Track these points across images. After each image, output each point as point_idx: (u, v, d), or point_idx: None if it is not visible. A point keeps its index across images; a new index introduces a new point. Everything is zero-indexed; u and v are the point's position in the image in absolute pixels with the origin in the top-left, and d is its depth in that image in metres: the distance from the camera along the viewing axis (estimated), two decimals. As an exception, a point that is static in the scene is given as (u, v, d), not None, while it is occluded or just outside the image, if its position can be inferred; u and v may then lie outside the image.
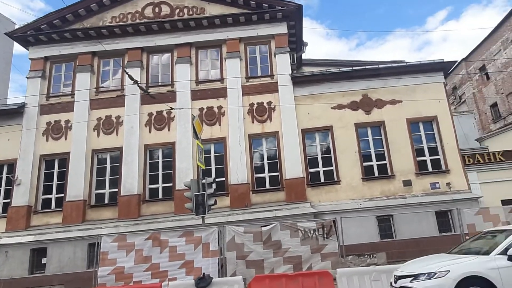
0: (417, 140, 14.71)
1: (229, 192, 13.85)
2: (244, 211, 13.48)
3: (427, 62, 15.27)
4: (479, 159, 14.48)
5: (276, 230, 10.07)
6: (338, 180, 14.15)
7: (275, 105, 14.79)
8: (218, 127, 14.66)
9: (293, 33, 16.38)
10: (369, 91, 15.01)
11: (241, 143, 14.26)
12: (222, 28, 15.35)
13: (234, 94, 14.77)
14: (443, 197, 13.74)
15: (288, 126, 14.45)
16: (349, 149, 14.40)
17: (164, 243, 9.77)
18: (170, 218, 13.43)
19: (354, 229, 13.50)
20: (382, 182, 14.13)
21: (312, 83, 15.13)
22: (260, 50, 15.62)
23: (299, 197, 13.68)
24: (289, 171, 13.98)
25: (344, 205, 13.81)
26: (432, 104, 14.72)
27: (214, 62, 15.50)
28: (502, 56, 25.27)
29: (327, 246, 9.99)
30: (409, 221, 13.46)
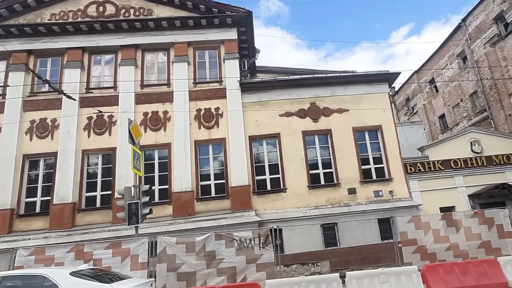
0: (362, 149, 14.96)
1: (172, 200, 13.31)
2: (186, 220, 13.00)
3: (373, 72, 15.65)
4: (420, 167, 14.94)
5: (211, 240, 9.69)
6: (284, 188, 14.04)
7: (223, 111, 14.51)
8: (163, 133, 14.14)
9: (245, 39, 16.26)
10: (317, 99, 15.13)
11: (186, 150, 13.83)
12: (170, 31, 14.93)
13: (180, 99, 14.35)
14: (385, 204, 14.00)
15: (235, 132, 14.20)
16: (296, 157, 14.37)
17: (88, 256, 9.10)
18: (107, 228, 12.67)
19: (299, 238, 13.49)
20: (328, 190, 14.19)
21: (260, 90, 15.03)
22: (209, 55, 15.34)
23: (244, 205, 13.41)
24: (235, 179, 13.70)
25: (290, 214, 13.71)
26: (377, 113, 15.06)
27: (161, 66, 15.01)
28: (449, 70, 26.64)
29: (263, 256, 9.72)
30: (353, 229, 13.58)
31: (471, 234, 10.04)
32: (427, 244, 9.96)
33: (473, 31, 23.51)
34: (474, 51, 23.56)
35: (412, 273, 8.30)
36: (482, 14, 22.47)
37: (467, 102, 25.23)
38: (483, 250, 9.89)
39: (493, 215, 10.26)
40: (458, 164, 15.06)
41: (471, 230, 10.07)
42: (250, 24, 15.54)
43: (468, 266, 8.48)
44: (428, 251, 9.86)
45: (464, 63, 25.17)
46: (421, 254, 9.83)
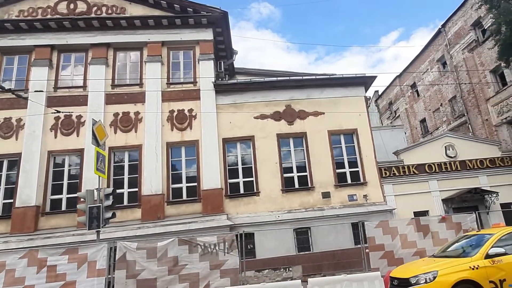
0: (337, 152, 14.85)
1: (141, 203, 12.94)
2: (155, 224, 12.64)
3: (350, 76, 15.58)
4: (395, 172, 14.89)
5: (174, 246, 9.37)
6: (257, 191, 13.81)
7: (197, 113, 14.24)
8: (134, 134, 13.78)
9: (222, 40, 16.03)
10: (292, 102, 14.98)
11: (158, 152, 13.49)
12: (143, 30, 14.61)
13: (153, 100, 14.02)
14: (359, 209, 13.88)
15: (208, 135, 13.94)
16: (270, 160, 14.16)
17: (42, 262, 8.67)
18: (72, 233, 12.23)
19: (271, 242, 13.25)
20: (302, 194, 14.01)
21: (235, 91, 14.80)
22: (184, 56, 15.06)
23: (216, 209, 13.13)
24: (207, 182, 13.42)
25: (262, 218, 13.48)
26: (353, 117, 14.98)
27: (134, 65, 14.67)
28: (429, 75, 26.88)
29: (227, 261, 9.44)
30: (326, 234, 13.41)
31: (439, 239, 9.96)
32: (394, 249, 9.85)
33: (452, 37, 23.76)
34: (453, 56, 23.81)
35: (375, 280, 8.13)
36: (460, 20, 22.73)
37: (446, 106, 25.46)
38: (451, 255, 9.78)
39: (461, 220, 10.22)
40: (433, 168, 15.07)
41: (438, 235, 10.00)
42: (226, 24, 15.32)
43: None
44: (396, 256, 9.75)
45: (444, 68, 25.42)
46: (388, 260, 9.71)
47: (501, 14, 14.41)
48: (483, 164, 15.33)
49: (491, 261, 6.59)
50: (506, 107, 19.90)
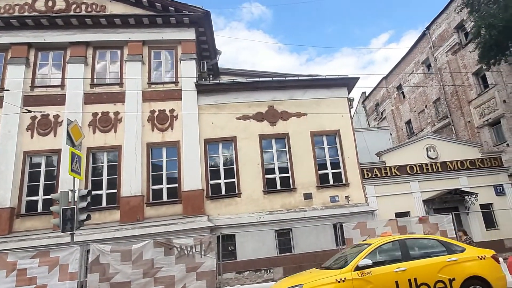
0: (320, 153, 14.84)
1: (120, 205, 12.72)
2: (134, 226, 12.44)
3: (332, 77, 15.61)
4: (376, 173, 14.95)
5: (149, 248, 9.22)
6: (239, 192, 13.71)
7: (178, 113, 14.08)
8: (113, 134, 13.55)
9: (205, 40, 15.90)
10: (275, 102, 14.93)
11: (137, 152, 13.29)
12: (124, 29, 14.40)
13: (133, 100, 13.81)
14: (341, 210, 13.88)
15: (190, 135, 13.79)
16: (252, 161, 14.08)
17: (11, 266, 8.42)
18: (47, 235, 11.95)
19: (252, 244, 13.17)
20: (284, 195, 13.96)
21: (217, 92, 14.69)
22: (166, 55, 14.88)
23: (196, 211, 12.99)
24: (188, 183, 13.27)
25: (244, 219, 13.38)
26: (335, 118, 14.99)
27: (114, 64, 14.43)
28: (414, 77, 27.15)
29: (204, 264, 9.34)
30: (308, 235, 13.38)
31: (416, 240, 9.96)
32: (372, 251, 9.81)
33: (437, 39, 24.04)
34: (437, 59, 24.09)
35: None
36: (444, 23, 23.01)
37: (431, 108, 25.75)
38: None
39: (438, 221, 10.30)
40: (414, 170, 15.18)
41: (416, 236, 10.00)
42: (209, 24, 15.19)
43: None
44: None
45: (429, 70, 25.71)
46: (365, 261, 9.66)
47: (480, 18, 14.60)
48: (464, 166, 15.50)
49: (360, 273, 6.24)
50: (487, 109, 20.20)
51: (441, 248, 6.83)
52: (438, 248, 6.85)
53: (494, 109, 19.66)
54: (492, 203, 15.16)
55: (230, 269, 12.75)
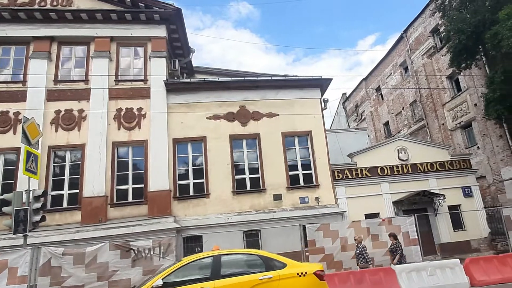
0: (291, 154, 14.74)
1: (82, 205, 12.31)
2: (96, 228, 12.06)
3: (305, 77, 15.54)
4: (347, 174, 14.94)
5: (104, 251, 8.89)
6: (207, 193, 13.48)
7: (146, 112, 13.74)
8: (77, 133, 13.13)
9: (177, 38, 15.61)
10: (247, 102, 14.75)
11: (102, 151, 12.90)
12: (91, 24, 13.97)
13: (98, 97, 13.41)
14: (311, 211, 13.81)
15: (158, 135, 13.48)
16: (222, 161, 13.87)
17: (-46, 270, 7.99)
18: (3, 236, 11.44)
19: (220, 245, 12.90)
20: (253, 196, 13.80)
21: (188, 91, 14.42)
22: (135, 52, 14.52)
23: (162, 211, 12.69)
24: (154, 183, 12.96)
25: (212, 220, 13.16)
26: (307, 119, 14.92)
27: (80, 60, 13.99)
28: (392, 79, 27.45)
29: (162, 266, 9.03)
30: (277, 236, 13.22)
31: (378, 241, 9.99)
32: (334, 252, 9.80)
33: (413, 42, 24.34)
34: (414, 62, 24.40)
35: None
36: (421, 27, 23.31)
37: (407, 110, 26.07)
38: (389, 257, 9.84)
39: (400, 223, 10.30)
40: (385, 171, 15.24)
41: (378, 237, 10.02)
42: (181, 22, 14.90)
43: (364, 275, 8.34)
44: (335, 259, 9.70)
45: (406, 72, 26.02)
46: (327, 263, 9.63)
47: (450, 22, 14.77)
48: (433, 168, 15.65)
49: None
50: (460, 112, 20.54)
51: (260, 264, 6.16)
52: (257, 264, 6.19)
53: (466, 112, 20.01)
54: (460, 205, 15.37)
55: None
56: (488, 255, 10.20)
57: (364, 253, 9.38)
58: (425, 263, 8.95)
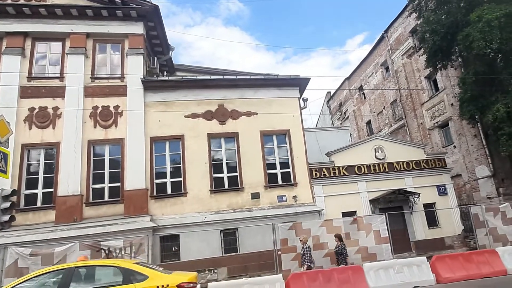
0: (269, 153, 14.82)
1: (56, 204, 12.15)
2: (70, 227, 11.91)
3: (284, 77, 15.62)
4: (325, 173, 15.11)
5: (74, 251, 8.87)
6: (185, 192, 13.46)
7: (123, 110, 13.60)
8: (52, 131, 12.92)
9: (156, 35, 15.47)
10: (225, 101, 14.75)
11: (77, 150, 12.74)
12: (66, 20, 13.74)
13: (74, 95, 13.21)
14: (288, 210, 13.93)
15: (134, 133, 13.38)
16: (200, 160, 13.86)
17: None
18: (-26, 237, 11.20)
19: (197, 244, 12.98)
20: (231, 195, 13.84)
21: (166, 89, 14.33)
22: (112, 49, 14.34)
23: (139, 210, 12.62)
24: (131, 182, 12.87)
25: (189, 219, 13.15)
26: (286, 118, 15.00)
27: (55, 57, 13.74)
28: (374, 78, 27.78)
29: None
30: (254, 235, 13.31)
31: (350, 240, 10.16)
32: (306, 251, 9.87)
33: (394, 42, 24.67)
34: (394, 62, 24.74)
35: (276, 282, 8.11)
36: (401, 27, 23.63)
37: (388, 109, 26.45)
38: (360, 255, 10.03)
39: (371, 221, 10.49)
40: (362, 170, 15.46)
41: (350, 236, 10.19)
42: (159, 19, 14.78)
43: (333, 273, 8.49)
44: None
45: (387, 72, 26.37)
46: (299, 261, 9.75)
47: (426, 23, 15.04)
48: (409, 166, 15.95)
49: None
50: (437, 111, 20.96)
51: (118, 277, 5.79)
52: (114, 277, 5.84)
53: (443, 112, 20.43)
54: (435, 203, 15.70)
55: (173, 270, 12.49)
56: (455, 253, 10.46)
57: (306, 254, 9.59)
58: (393, 261, 9.16)
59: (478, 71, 13.75)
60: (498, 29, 12.27)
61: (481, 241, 11.00)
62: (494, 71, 13.58)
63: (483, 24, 12.30)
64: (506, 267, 9.21)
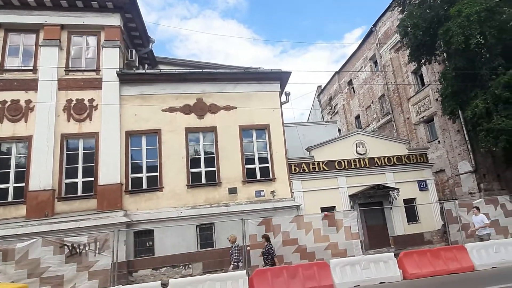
0: (248, 148, 14.67)
1: (27, 199, 11.97)
2: (41, 222, 11.76)
3: (264, 71, 15.42)
4: (304, 168, 14.99)
5: (36, 247, 8.70)
6: (161, 186, 13.32)
7: (98, 103, 13.37)
8: (24, 124, 12.70)
9: (135, 27, 15.20)
10: (204, 95, 14.55)
11: (49, 144, 12.54)
12: (40, 11, 13.43)
13: (47, 88, 12.97)
14: (266, 205, 13.83)
15: (109, 127, 13.18)
16: (177, 154, 13.70)
17: None
18: None
19: (172, 239, 12.88)
20: (208, 190, 13.71)
21: (143, 82, 14.11)
22: (87, 41, 14.05)
23: (112, 205, 12.47)
24: (105, 177, 12.70)
25: (164, 214, 13.03)
26: (266, 112, 14.84)
27: (28, 49, 13.47)
28: (363, 73, 27.60)
29: (98, 262, 8.94)
30: (230, 230, 13.00)
31: (320, 235, 10.09)
32: (275, 247, 9.80)
33: (382, 37, 24.45)
34: (382, 56, 24.55)
35: (240, 279, 8.03)
36: (389, 21, 23.40)
37: (376, 104, 26.32)
38: (330, 251, 9.96)
39: (342, 217, 10.40)
40: (342, 165, 15.36)
41: (320, 232, 10.11)
42: (136, 10, 14.50)
43: (298, 270, 8.40)
44: (276, 253, 9.70)
45: (376, 66, 26.19)
46: (268, 257, 9.63)
47: (408, 17, 14.83)
48: (391, 162, 15.86)
49: None
50: (423, 106, 20.85)
51: None
52: None
53: (428, 107, 20.33)
54: (416, 198, 15.65)
55: (147, 265, 12.46)
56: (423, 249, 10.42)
57: (234, 253, 9.58)
58: (360, 257, 9.08)
59: (458, 66, 13.60)
60: (478, 23, 12.10)
61: (453, 237, 10.95)
62: (475, 67, 13.44)
63: (463, 18, 12.12)
64: (474, 263, 9.18)
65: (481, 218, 10.51)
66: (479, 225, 10.49)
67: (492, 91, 12.32)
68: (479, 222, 10.51)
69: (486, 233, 10.39)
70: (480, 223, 10.47)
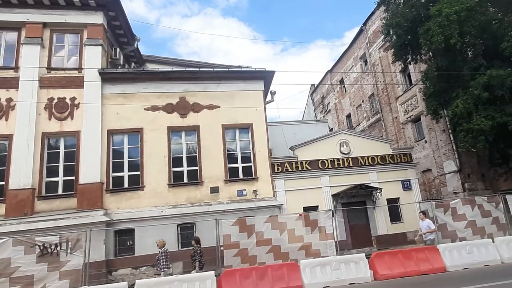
0: (231, 147, 14.69)
1: (6, 198, 11.99)
2: (20, 221, 11.78)
3: (248, 70, 15.39)
4: (287, 167, 15.01)
5: (7, 247, 8.70)
6: (142, 186, 13.34)
7: (80, 102, 13.36)
8: (4, 123, 12.70)
9: (119, 25, 15.16)
10: (187, 94, 14.55)
11: (30, 142, 12.54)
12: (22, 9, 13.40)
13: (28, 86, 12.95)
14: (247, 204, 13.86)
15: (91, 125, 13.18)
16: (159, 153, 13.71)
17: None
18: None
19: (152, 238, 12.77)
20: (190, 189, 13.74)
21: (125, 81, 14.08)
22: (70, 40, 14.02)
23: (92, 204, 12.49)
24: (85, 175, 12.71)
25: (145, 213, 13.05)
26: (249, 111, 14.84)
27: (9, 47, 13.44)
28: (354, 72, 27.57)
29: (69, 262, 8.94)
30: (212, 229, 13.04)
31: (295, 236, 10.10)
32: (249, 247, 9.85)
33: (371, 35, 24.42)
34: (372, 55, 24.52)
35: (208, 280, 8.06)
36: (378, 20, 23.32)
37: (366, 103, 26.32)
38: (304, 252, 9.98)
39: (317, 217, 10.41)
40: (326, 164, 15.37)
41: (294, 232, 10.12)
42: (120, 8, 14.46)
43: (267, 270, 8.44)
44: (249, 254, 9.76)
45: (366, 65, 26.16)
46: (242, 257, 9.71)
47: (391, 16, 14.80)
48: (374, 161, 15.87)
49: None
50: (410, 106, 20.86)
51: None
52: None
53: (415, 106, 20.33)
54: (399, 198, 15.67)
55: (127, 264, 12.50)
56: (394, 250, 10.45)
57: (161, 259, 9.55)
58: (331, 257, 9.11)
59: (441, 66, 13.58)
60: (458, 23, 12.08)
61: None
62: (457, 66, 13.43)
63: (442, 18, 12.10)
64: (445, 264, 9.22)
65: (427, 224, 10.64)
66: (425, 230, 10.63)
67: (472, 91, 12.32)
68: (425, 228, 10.64)
69: (430, 238, 10.51)
70: (427, 228, 10.60)
